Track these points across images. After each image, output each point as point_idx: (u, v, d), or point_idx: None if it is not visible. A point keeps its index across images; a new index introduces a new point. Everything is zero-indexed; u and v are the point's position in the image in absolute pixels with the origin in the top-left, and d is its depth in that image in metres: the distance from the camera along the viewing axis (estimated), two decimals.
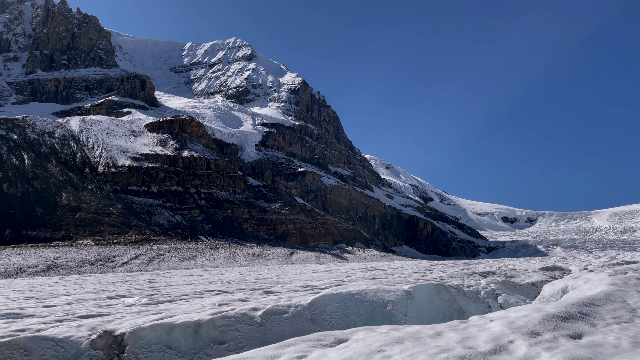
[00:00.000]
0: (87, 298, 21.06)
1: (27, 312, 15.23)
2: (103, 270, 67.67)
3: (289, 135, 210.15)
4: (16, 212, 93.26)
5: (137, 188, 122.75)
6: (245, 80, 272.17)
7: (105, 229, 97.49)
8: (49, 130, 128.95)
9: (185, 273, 52.58)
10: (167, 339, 10.45)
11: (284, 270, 55.73)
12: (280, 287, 22.26)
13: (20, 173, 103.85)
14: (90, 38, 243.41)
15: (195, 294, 21.07)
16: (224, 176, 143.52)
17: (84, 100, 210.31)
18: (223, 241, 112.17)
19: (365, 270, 46.45)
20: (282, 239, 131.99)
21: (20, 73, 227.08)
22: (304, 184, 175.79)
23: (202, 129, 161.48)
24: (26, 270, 61.89)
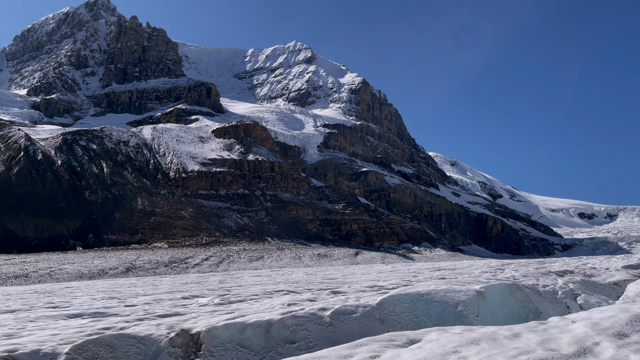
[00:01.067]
0: (163, 298, 22.07)
1: (110, 312, 16.18)
2: (177, 272, 70.72)
3: (350, 135, 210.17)
4: (97, 218, 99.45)
5: (206, 192, 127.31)
6: (306, 83, 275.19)
7: (178, 232, 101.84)
8: (124, 139, 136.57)
9: (254, 274, 53.87)
10: (240, 338, 10.75)
11: (350, 270, 55.75)
12: (347, 287, 22.28)
13: (100, 181, 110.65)
14: (159, 50, 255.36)
15: (265, 294, 21.52)
16: (287, 178, 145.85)
17: (155, 110, 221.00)
18: (289, 242, 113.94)
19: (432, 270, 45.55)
20: (346, 240, 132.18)
21: (97, 87, 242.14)
22: (366, 184, 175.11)
23: (266, 133, 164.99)
24: (108, 272, 65.81)
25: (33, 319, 14.73)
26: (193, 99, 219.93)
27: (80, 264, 68.18)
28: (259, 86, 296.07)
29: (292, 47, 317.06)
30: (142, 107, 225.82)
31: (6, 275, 58.42)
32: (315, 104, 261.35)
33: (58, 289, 37.00)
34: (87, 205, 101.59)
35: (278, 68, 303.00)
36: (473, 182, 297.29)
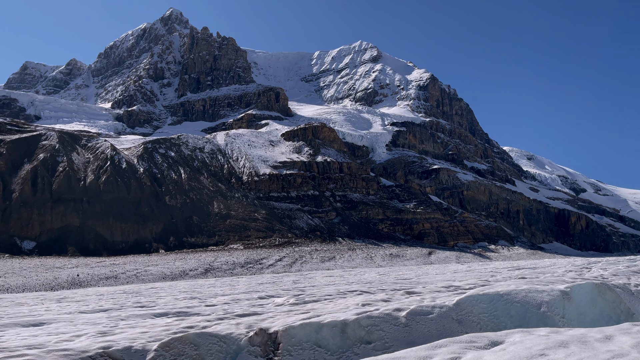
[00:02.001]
0: (241, 298, 22.79)
1: (192, 311, 16.94)
2: (252, 272, 72.78)
3: (419, 132, 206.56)
4: (177, 221, 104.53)
5: (277, 194, 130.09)
6: (373, 82, 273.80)
7: (252, 234, 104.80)
8: (199, 146, 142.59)
9: (327, 274, 54.32)
10: (316, 338, 10.88)
11: (424, 270, 54.76)
12: (422, 287, 21.90)
13: (179, 186, 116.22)
14: (229, 58, 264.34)
15: (338, 294, 21.63)
16: (356, 178, 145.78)
17: (227, 116, 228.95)
18: (360, 242, 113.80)
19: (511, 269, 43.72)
20: (418, 239, 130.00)
21: (173, 97, 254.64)
22: (438, 182, 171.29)
23: (334, 134, 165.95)
24: (188, 273, 68.94)
25: (124, 318, 15.74)
26: (262, 104, 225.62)
27: (163, 266, 71.94)
28: (325, 88, 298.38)
29: (357, 47, 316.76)
30: (215, 114, 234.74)
31: (98, 277, 62.81)
32: (382, 103, 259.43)
33: (144, 289, 39.24)
34: (168, 209, 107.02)
35: (344, 69, 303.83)
36: (552, 177, 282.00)
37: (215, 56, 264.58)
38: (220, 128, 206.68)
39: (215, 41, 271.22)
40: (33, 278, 60.63)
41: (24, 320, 15.92)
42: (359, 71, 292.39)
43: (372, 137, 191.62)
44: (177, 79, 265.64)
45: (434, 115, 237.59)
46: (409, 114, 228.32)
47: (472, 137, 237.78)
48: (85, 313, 18.98)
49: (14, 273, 62.99)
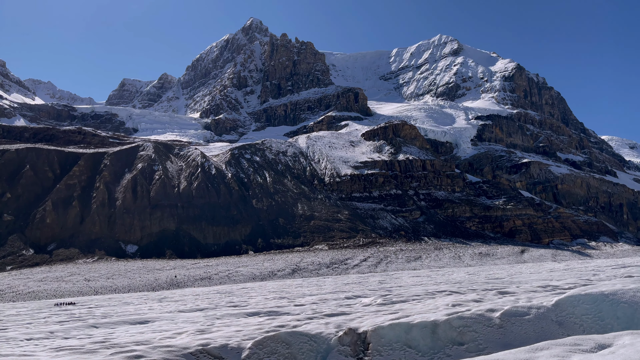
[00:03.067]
0: (328, 298, 23.05)
1: (282, 310, 17.40)
2: (337, 272, 73.35)
3: (506, 125, 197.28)
4: (264, 224, 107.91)
5: (359, 194, 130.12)
6: (454, 76, 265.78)
7: (336, 234, 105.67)
8: (282, 150, 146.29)
9: (413, 274, 53.44)
10: (406, 338, 10.74)
11: (516, 269, 52.17)
12: (515, 287, 20.89)
13: (264, 189, 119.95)
14: (308, 62, 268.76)
15: (427, 294, 21.20)
16: (440, 175, 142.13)
17: (308, 119, 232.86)
18: (447, 241, 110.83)
19: (616, 267, 40.47)
20: (509, 237, 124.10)
21: (256, 103, 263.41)
22: (529, 176, 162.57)
23: (415, 131, 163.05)
24: (276, 273, 70.91)
25: (219, 317, 16.51)
26: (342, 105, 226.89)
27: (253, 267, 74.55)
28: (405, 85, 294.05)
29: (437, 41, 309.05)
30: (296, 118, 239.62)
31: (194, 278, 66.38)
32: (465, 97, 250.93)
33: (236, 289, 40.89)
34: (255, 212, 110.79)
35: (424, 64, 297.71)
36: None
37: (295, 61, 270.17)
38: (302, 131, 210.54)
39: (294, 46, 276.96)
40: (136, 279, 65.30)
41: (131, 319, 17.19)
42: (439, 66, 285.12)
43: (455, 133, 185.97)
44: (259, 86, 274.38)
45: (522, 107, 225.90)
46: (494, 107, 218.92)
47: (566, 128, 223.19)
48: (184, 312, 20.13)
49: (120, 275, 68.23)
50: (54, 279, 65.52)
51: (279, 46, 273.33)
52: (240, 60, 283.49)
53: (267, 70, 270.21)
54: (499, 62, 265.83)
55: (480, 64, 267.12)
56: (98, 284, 62.29)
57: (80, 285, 61.19)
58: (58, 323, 18.54)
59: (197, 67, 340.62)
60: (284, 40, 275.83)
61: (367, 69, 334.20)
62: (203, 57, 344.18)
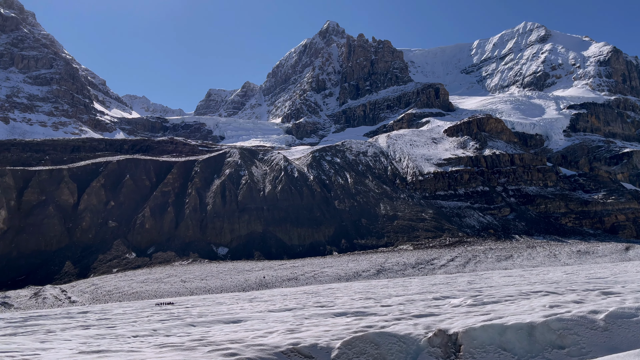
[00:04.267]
0: (415, 299, 22.69)
1: (369, 311, 17.38)
2: (424, 273, 71.95)
3: (603, 113, 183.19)
4: (347, 224, 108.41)
5: (444, 192, 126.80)
6: (542, 64, 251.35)
7: (421, 234, 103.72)
8: (362, 150, 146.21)
9: (504, 274, 51.18)
10: (500, 340, 10.32)
11: (621, 268, 48.26)
12: (621, 287, 19.34)
13: (346, 190, 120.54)
14: (386, 61, 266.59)
15: (520, 294, 20.23)
16: (531, 170, 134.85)
17: (387, 118, 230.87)
18: (540, 239, 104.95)
19: None
20: (611, 233, 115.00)
21: (335, 105, 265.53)
22: (631, 167, 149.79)
23: (501, 125, 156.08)
24: (361, 274, 70.93)
25: (307, 317, 16.83)
26: (422, 102, 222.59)
27: (338, 267, 75.15)
28: (488, 77, 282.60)
29: (521, 29, 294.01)
30: (375, 117, 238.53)
31: (281, 278, 68.17)
32: (555, 85, 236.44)
33: (322, 290, 41.44)
34: (337, 213, 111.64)
35: (508, 54, 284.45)
36: None
37: (372, 61, 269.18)
38: (382, 131, 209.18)
39: (371, 46, 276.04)
40: (228, 280, 68.24)
41: (225, 318, 18.00)
42: (525, 54, 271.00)
43: (545, 124, 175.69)
44: (337, 88, 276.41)
45: (621, 92, 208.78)
46: (588, 94, 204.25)
47: None
48: (274, 312, 20.74)
49: (212, 276, 71.66)
50: (154, 280, 70.16)
51: (356, 47, 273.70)
52: (318, 63, 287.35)
53: (345, 71, 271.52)
54: (592, 46, 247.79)
55: (570, 49, 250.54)
56: (193, 284, 65.84)
57: (177, 286, 65.03)
58: (160, 321, 19.82)
59: (277, 74, 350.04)
60: (361, 40, 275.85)
61: (447, 64, 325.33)
62: (282, 63, 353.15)
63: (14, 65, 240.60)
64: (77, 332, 17.53)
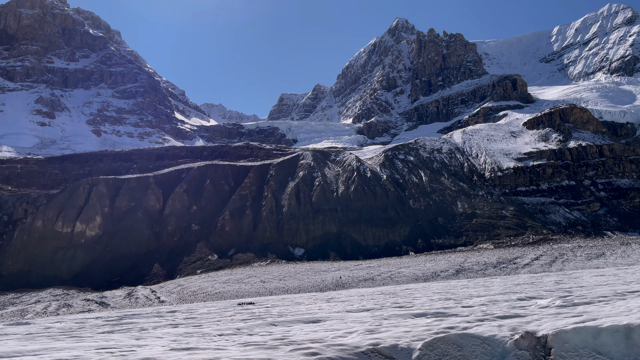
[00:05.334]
0: (498, 299, 21.84)
1: (450, 312, 16.96)
2: (506, 272, 69.01)
3: None
4: (423, 224, 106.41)
5: (525, 188, 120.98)
6: (631, 48, 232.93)
7: (501, 232, 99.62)
8: (437, 147, 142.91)
9: (595, 273, 47.95)
10: (594, 344, 9.68)
11: None
12: None
13: (421, 189, 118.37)
14: (458, 55, 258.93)
15: (615, 295, 18.89)
16: (622, 161, 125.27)
17: (462, 113, 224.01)
18: (636, 235, 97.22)
19: None
20: None
21: (407, 103, 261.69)
22: None
23: (587, 114, 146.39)
24: (439, 274, 69.32)
25: (386, 317, 16.72)
26: (498, 94, 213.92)
27: (414, 268, 73.96)
28: (570, 65, 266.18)
29: (605, 12, 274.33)
30: (449, 113, 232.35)
31: (357, 279, 68.20)
32: None
33: (399, 290, 40.98)
34: (413, 212, 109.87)
35: (592, 39, 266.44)
36: None
37: (444, 55, 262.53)
38: (456, 126, 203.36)
39: (443, 40, 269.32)
40: (305, 280, 69.30)
41: (304, 318, 18.31)
42: (611, 38, 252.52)
43: (637, 111, 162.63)
44: (408, 85, 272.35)
45: None
46: None
47: None
48: (352, 312, 20.79)
49: (290, 276, 73.09)
50: (235, 281, 72.73)
51: (427, 42, 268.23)
52: (388, 61, 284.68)
53: (416, 68, 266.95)
54: None
55: None
56: (272, 285, 67.52)
57: (257, 287, 66.98)
58: (242, 321, 20.52)
59: (347, 75, 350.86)
60: (431, 35, 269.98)
61: (524, 53, 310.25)
62: (352, 63, 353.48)
63: (103, 81, 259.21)
64: (167, 330, 18.56)
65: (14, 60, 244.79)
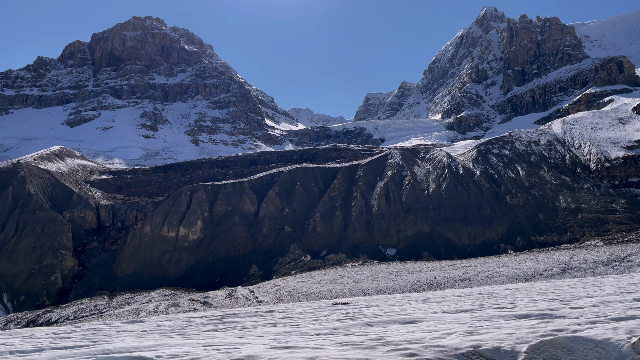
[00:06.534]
0: (611, 300, 20.19)
1: (556, 313, 15.94)
2: (619, 271, 63.45)
3: None
4: (521, 220, 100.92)
5: (638, 179, 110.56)
6: None
7: (612, 227, 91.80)
8: (534, 139, 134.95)
9: None
10: None
11: None
12: None
13: (518, 184, 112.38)
14: (554, 40, 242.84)
15: None
16: None
17: (561, 102, 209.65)
18: None
19: None
20: None
21: (499, 94, 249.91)
22: None
23: None
24: (542, 273, 65.32)
25: (486, 318, 16.08)
26: (602, 79, 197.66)
27: (514, 267, 70.36)
28: None
29: None
30: (546, 102, 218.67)
31: (453, 279, 66.23)
32: None
33: (499, 290, 39.23)
34: (510, 209, 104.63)
35: None
36: None
37: (538, 42, 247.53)
38: (555, 116, 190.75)
39: (536, 26, 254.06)
40: (398, 281, 68.57)
41: (399, 318, 18.14)
42: None
43: None
44: (500, 76, 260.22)
45: None
46: None
47: None
48: (449, 313, 20.25)
49: (383, 277, 72.70)
50: (328, 281, 73.71)
51: (519, 29, 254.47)
52: (477, 53, 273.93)
53: (508, 57, 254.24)
54: None
55: None
56: (365, 285, 67.57)
57: (350, 287, 67.38)
58: (337, 321, 20.76)
59: (434, 70, 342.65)
60: (523, 22, 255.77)
61: (630, 33, 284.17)
62: (439, 58, 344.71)
63: (199, 93, 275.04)
64: (266, 329, 19.26)
65: (120, 79, 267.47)
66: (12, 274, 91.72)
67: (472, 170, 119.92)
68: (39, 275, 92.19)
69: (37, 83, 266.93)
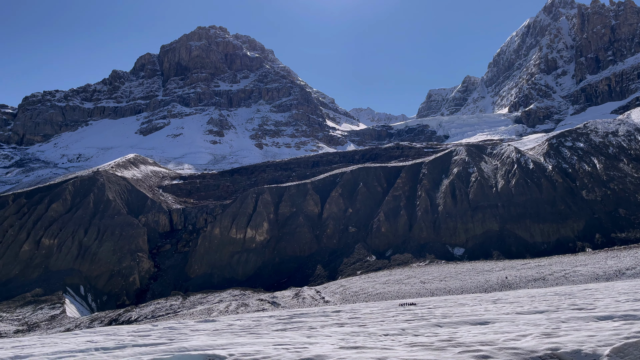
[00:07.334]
0: None
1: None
2: None
3: None
4: (600, 216, 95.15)
5: None
6: None
7: None
8: (611, 130, 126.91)
9: None
10: None
11: None
12: None
13: (594, 178, 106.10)
14: (630, 23, 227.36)
15: None
16: None
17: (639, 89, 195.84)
18: None
19: None
20: None
21: (571, 84, 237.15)
22: None
23: None
24: (624, 272, 61.27)
25: (563, 320, 15.31)
26: None
27: (593, 266, 66.47)
28: None
29: None
30: (624, 90, 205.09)
31: (526, 279, 63.55)
32: None
33: (577, 290, 37.22)
34: (586, 205, 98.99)
35: None
36: None
37: (612, 27, 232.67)
38: (634, 105, 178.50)
39: (610, 10, 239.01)
40: (467, 281, 66.71)
41: (470, 319, 17.66)
42: None
43: None
44: (571, 65, 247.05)
45: None
46: None
47: None
48: (522, 314, 19.46)
49: (451, 277, 71.01)
50: (394, 281, 72.97)
51: (590, 15, 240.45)
52: (546, 42, 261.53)
53: (580, 45, 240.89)
54: None
55: None
56: (432, 285, 66.27)
57: (417, 287, 66.33)
58: (405, 321, 20.52)
59: (499, 62, 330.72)
60: (595, 6, 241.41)
61: None
62: (504, 49, 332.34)
63: (262, 98, 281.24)
64: (334, 329, 19.37)
65: (187, 88, 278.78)
66: (95, 275, 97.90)
67: (544, 165, 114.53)
68: (119, 277, 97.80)
69: (113, 95, 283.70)
